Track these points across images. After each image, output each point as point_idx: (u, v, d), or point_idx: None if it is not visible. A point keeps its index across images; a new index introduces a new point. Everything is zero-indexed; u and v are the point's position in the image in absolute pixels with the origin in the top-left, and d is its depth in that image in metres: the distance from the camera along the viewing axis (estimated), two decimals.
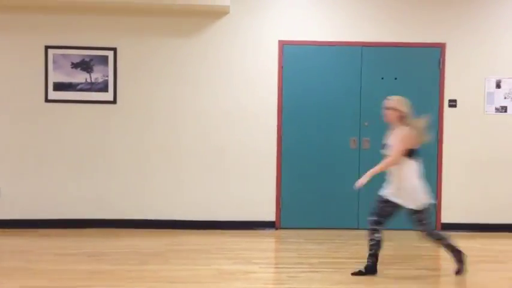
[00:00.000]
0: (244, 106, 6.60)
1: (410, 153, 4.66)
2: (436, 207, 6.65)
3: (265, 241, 6.19)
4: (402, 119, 4.73)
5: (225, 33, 6.58)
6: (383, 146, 4.86)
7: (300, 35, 6.61)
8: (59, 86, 6.49)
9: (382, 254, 4.81)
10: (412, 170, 4.68)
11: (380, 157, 4.60)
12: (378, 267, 4.79)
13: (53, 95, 6.49)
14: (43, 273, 4.71)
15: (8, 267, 4.90)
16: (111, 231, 6.41)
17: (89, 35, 6.49)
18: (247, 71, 6.60)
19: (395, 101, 4.79)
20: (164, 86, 6.58)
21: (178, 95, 6.58)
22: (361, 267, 4.81)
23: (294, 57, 6.61)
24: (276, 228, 6.65)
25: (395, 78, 6.64)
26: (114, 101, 6.52)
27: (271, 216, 6.64)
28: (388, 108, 4.81)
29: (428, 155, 6.63)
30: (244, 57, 6.60)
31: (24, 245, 5.75)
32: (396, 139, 4.68)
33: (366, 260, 4.80)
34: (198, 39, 6.57)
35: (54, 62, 6.47)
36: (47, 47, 6.46)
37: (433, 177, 6.64)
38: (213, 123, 6.60)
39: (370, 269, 4.77)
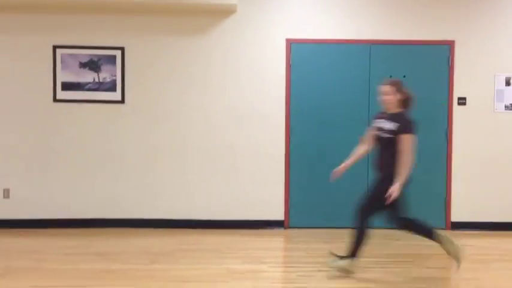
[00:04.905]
0: (252, 105, 6.59)
1: None
2: (446, 206, 6.63)
3: (274, 240, 6.18)
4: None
5: (232, 32, 6.57)
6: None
7: (308, 33, 6.58)
8: (67, 86, 6.49)
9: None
10: None
11: None
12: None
13: (61, 94, 6.50)
14: (53, 273, 4.71)
15: (18, 267, 4.90)
16: (120, 230, 6.42)
17: (97, 34, 6.50)
18: (255, 70, 6.58)
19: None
20: (172, 85, 6.58)
21: (186, 94, 6.58)
22: (369, 266, 4.78)
23: (302, 56, 6.59)
24: (285, 228, 6.64)
25: (404, 76, 6.58)
26: (122, 101, 6.52)
27: (280, 216, 6.63)
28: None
29: (437, 153, 6.64)
30: (252, 56, 6.59)
31: (34, 245, 5.75)
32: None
33: None
34: (206, 39, 6.56)
35: (62, 61, 6.48)
36: (55, 47, 6.47)
37: (442, 175, 6.62)
38: (221, 122, 6.59)
39: None
